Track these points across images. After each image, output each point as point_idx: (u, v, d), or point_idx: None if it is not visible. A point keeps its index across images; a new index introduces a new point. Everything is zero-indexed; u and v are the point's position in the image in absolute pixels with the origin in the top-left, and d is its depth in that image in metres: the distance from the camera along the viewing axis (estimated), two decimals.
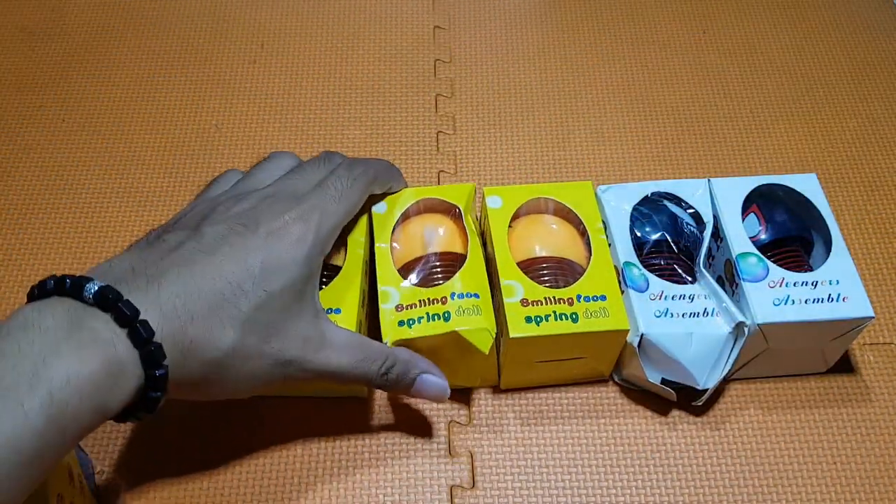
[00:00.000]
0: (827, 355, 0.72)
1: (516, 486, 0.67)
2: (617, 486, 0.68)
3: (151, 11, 1.03)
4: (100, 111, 0.93)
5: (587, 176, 0.88)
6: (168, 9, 1.03)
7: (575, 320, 0.65)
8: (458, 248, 0.70)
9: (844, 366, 0.74)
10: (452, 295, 0.66)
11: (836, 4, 1.05)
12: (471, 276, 0.67)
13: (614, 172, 0.88)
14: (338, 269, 0.69)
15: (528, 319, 0.65)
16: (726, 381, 0.73)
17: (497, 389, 0.73)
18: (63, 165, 0.88)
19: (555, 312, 0.65)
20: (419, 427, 0.70)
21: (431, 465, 0.68)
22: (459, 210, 0.72)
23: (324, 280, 0.68)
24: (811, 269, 0.69)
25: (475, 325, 0.64)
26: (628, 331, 0.66)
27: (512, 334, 0.64)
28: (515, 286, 0.67)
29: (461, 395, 0.72)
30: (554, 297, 0.66)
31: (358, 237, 0.70)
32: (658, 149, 0.90)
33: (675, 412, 0.71)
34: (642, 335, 0.66)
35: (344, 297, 0.66)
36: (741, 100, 0.95)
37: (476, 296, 0.66)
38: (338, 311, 0.65)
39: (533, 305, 0.66)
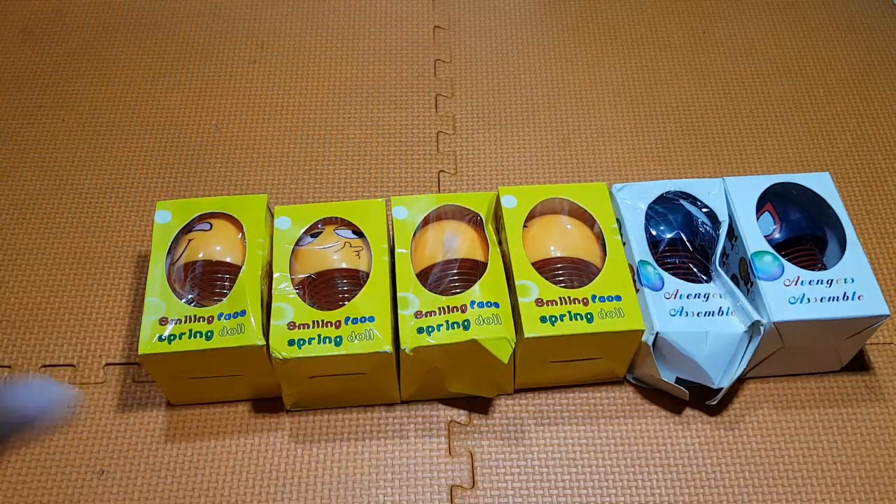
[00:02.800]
0: (841, 354, 0.72)
1: (516, 486, 0.67)
2: (617, 485, 0.67)
3: (151, 11, 1.03)
4: (100, 111, 0.93)
5: (587, 176, 0.88)
6: (168, 9, 1.03)
7: (590, 320, 0.65)
8: (478, 256, 0.70)
9: (859, 364, 0.74)
10: (472, 303, 0.65)
11: (836, 4, 1.05)
12: (491, 284, 0.67)
13: (614, 172, 0.88)
14: (363, 274, 0.69)
15: (543, 319, 0.65)
16: (741, 379, 0.73)
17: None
18: (63, 165, 0.88)
19: (570, 312, 0.65)
20: (419, 427, 0.70)
21: (431, 465, 0.68)
22: (481, 218, 0.72)
23: (345, 287, 0.69)
24: (825, 268, 0.69)
25: (495, 335, 0.64)
26: (643, 331, 0.66)
27: (527, 334, 0.64)
28: (530, 286, 0.66)
29: (461, 396, 0.72)
30: (569, 297, 0.66)
31: (380, 244, 0.70)
32: (657, 149, 0.90)
33: (689, 411, 0.71)
34: (657, 334, 0.65)
35: (376, 304, 0.66)
36: (741, 100, 0.95)
37: (496, 305, 0.66)
38: (371, 318, 0.65)
39: (548, 305, 0.66)
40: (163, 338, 0.64)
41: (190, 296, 0.68)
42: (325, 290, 0.69)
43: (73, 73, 0.96)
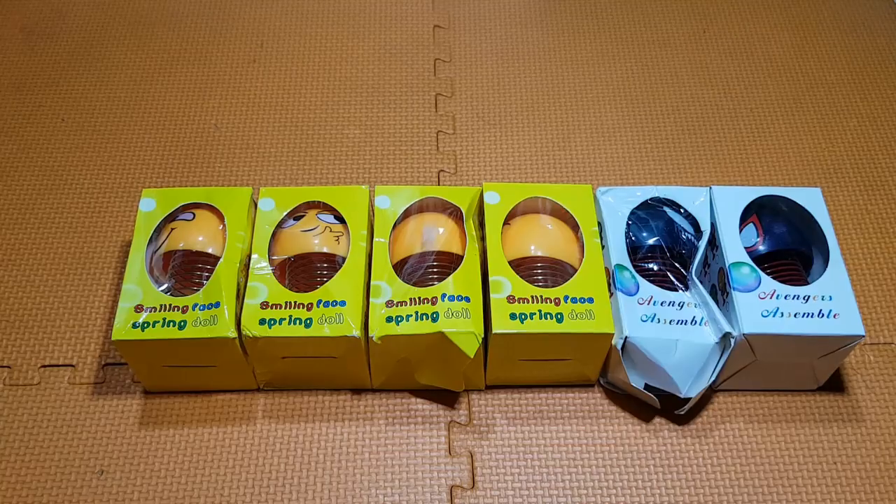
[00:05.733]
0: (817, 372, 0.71)
1: (516, 486, 0.67)
2: (616, 486, 0.67)
3: (151, 11, 1.03)
4: (100, 111, 0.93)
5: (587, 176, 0.88)
6: (168, 9, 1.03)
7: (560, 320, 0.65)
8: (455, 249, 0.70)
9: (836, 384, 0.73)
10: (443, 296, 0.66)
11: (836, 4, 1.05)
12: (465, 278, 0.67)
13: (614, 173, 0.88)
14: (341, 259, 0.69)
15: (513, 316, 0.65)
16: (713, 390, 0.73)
17: (496, 390, 0.73)
18: (63, 165, 0.88)
19: (540, 311, 0.65)
20: (419, 427, 0.70)
21: (431, 465, 0.68)
22: (461, 211, 0.73)
23: (325, 271, 0.69)
24: (807, 284, 0.68)
25: (462, 329, 0.64)
26: (612, 334, 0.66)
27: (495, 330, 0.64)
28: (504, 282, 0.67)
29: (461, 396, 0.72)
30: (541, 297, 0.66)
31: (360, 230, 0.70)
32: (658, 148, 0.90)
33: (658, 419, 0.71)
34: (626, 338, 0.65)
35: (349, 289, 0.66)
36: (741, 99, 0.95)
37: (467, 299, 0.66)
38: (343, 303, 0.65)
39: (519, 303, 0.66)
40: (136, 325, 0.64)
41: (169, 284, 0.68)
42: (304, 272, 0.69)
43: (73, 73, 0.96)
